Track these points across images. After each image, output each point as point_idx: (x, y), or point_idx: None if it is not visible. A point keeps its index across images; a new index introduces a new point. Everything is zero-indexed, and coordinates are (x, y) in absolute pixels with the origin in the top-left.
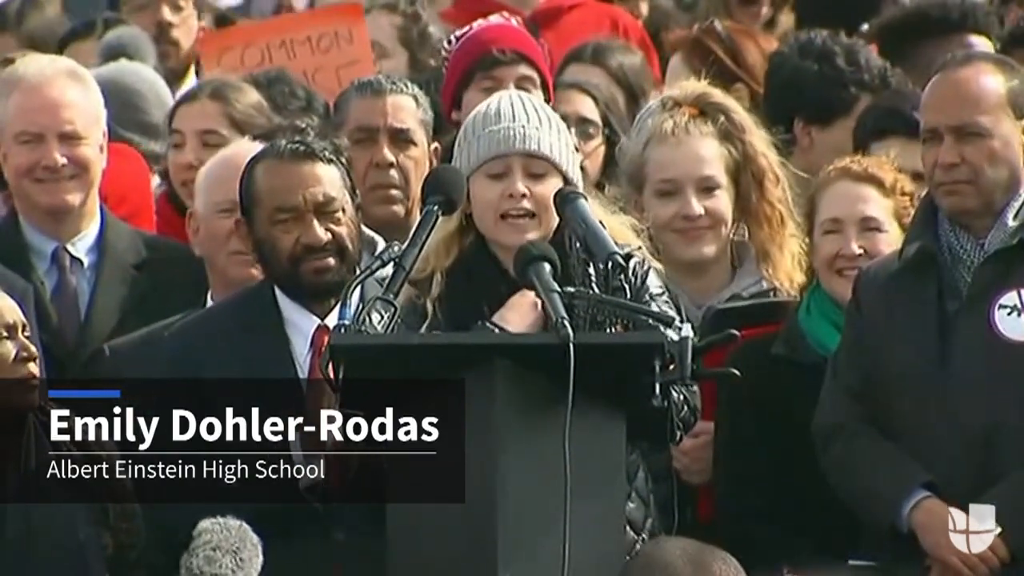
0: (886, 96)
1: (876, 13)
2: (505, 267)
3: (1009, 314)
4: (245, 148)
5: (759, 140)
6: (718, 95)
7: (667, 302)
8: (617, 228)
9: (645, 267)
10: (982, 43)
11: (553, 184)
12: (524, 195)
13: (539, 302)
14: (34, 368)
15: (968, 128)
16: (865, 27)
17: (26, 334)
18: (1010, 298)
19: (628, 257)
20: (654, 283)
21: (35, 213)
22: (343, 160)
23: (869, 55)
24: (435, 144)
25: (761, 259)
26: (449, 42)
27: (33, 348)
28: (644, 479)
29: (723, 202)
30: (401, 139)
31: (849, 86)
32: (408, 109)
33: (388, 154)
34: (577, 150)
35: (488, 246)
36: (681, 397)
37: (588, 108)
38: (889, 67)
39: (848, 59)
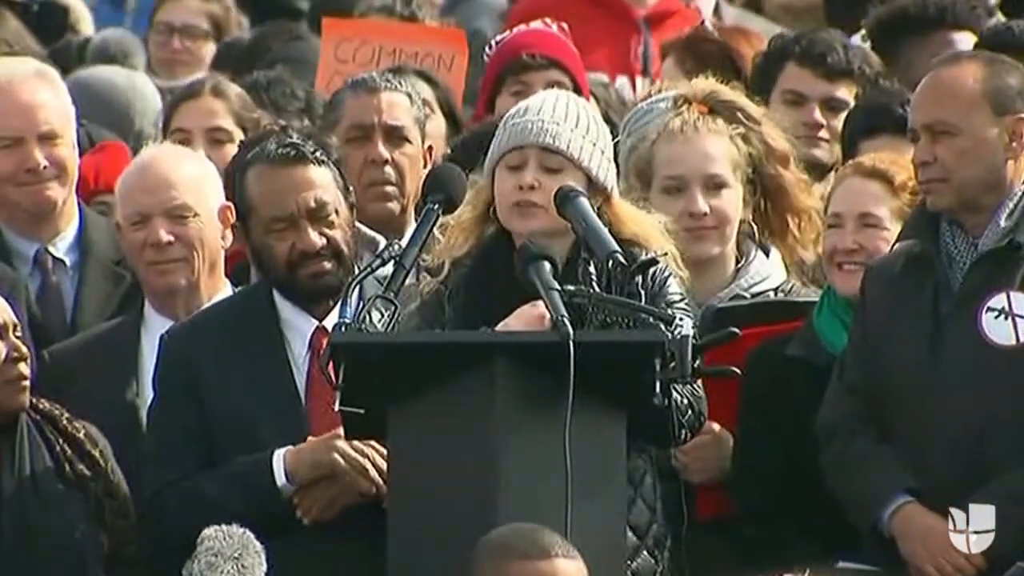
0: (874, 93)
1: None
2: None
3: (996, 318)
4: (153, 156)
5: (774, 128)
6: (727, 92)
7: (685, 309)
8: (652, 232)
9: (666, 273)
10: (965, 38)
11: (570, 181)
12: (533, 187)
13: (547, 315)
14: (24, 368)
15: (937, 126)
16: None
17: (17, 334)
18: (998, 301)
19: (652, 263)
20: (673, 289)
21: (18, 216)
22: (334, 160)
23: (805, 31)
24: (429, 142)
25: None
26: (490, 46)
27: (24, 348)
28: (652, 485)
29: (729, 201)
30: (396, 136)
31: (770, 57)
32: (402, 106)
33: (383, 151)
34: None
35: (511, 238)
36: (685, 401)
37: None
38: (804, 36)
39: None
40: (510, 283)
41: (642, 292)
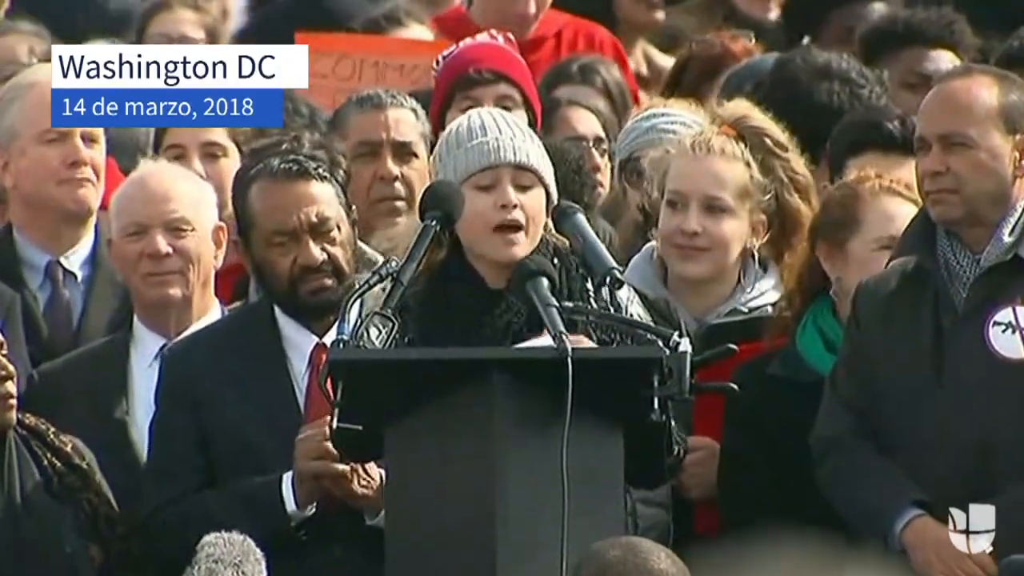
0: (862, 111)
1: None
2: (483, 277)
3: (1003, 331)
4: (151, 171)
5: (798, 161)
6: (758, 118)
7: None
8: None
9: (632, 295)
10: (942, 56)
11: (537, 196)
12: (516, 205)
13: None
14: (11, 387)
15: (954, 138)
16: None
17: (3, 352)
18: (1004, 315)
19: (615, 279)
20: (638, 311)
21: (51, 220)
22: (338, 175)
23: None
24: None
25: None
26: (437, 63)
27: (11, 367)
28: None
29: (728, 227)
30: (404, 152)
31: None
32: (409, 122)
33: (392, 167)
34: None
35: (465, 256)
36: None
37: (599, 127)
38: None
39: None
40: (465, 304)
41: (618, 304)
